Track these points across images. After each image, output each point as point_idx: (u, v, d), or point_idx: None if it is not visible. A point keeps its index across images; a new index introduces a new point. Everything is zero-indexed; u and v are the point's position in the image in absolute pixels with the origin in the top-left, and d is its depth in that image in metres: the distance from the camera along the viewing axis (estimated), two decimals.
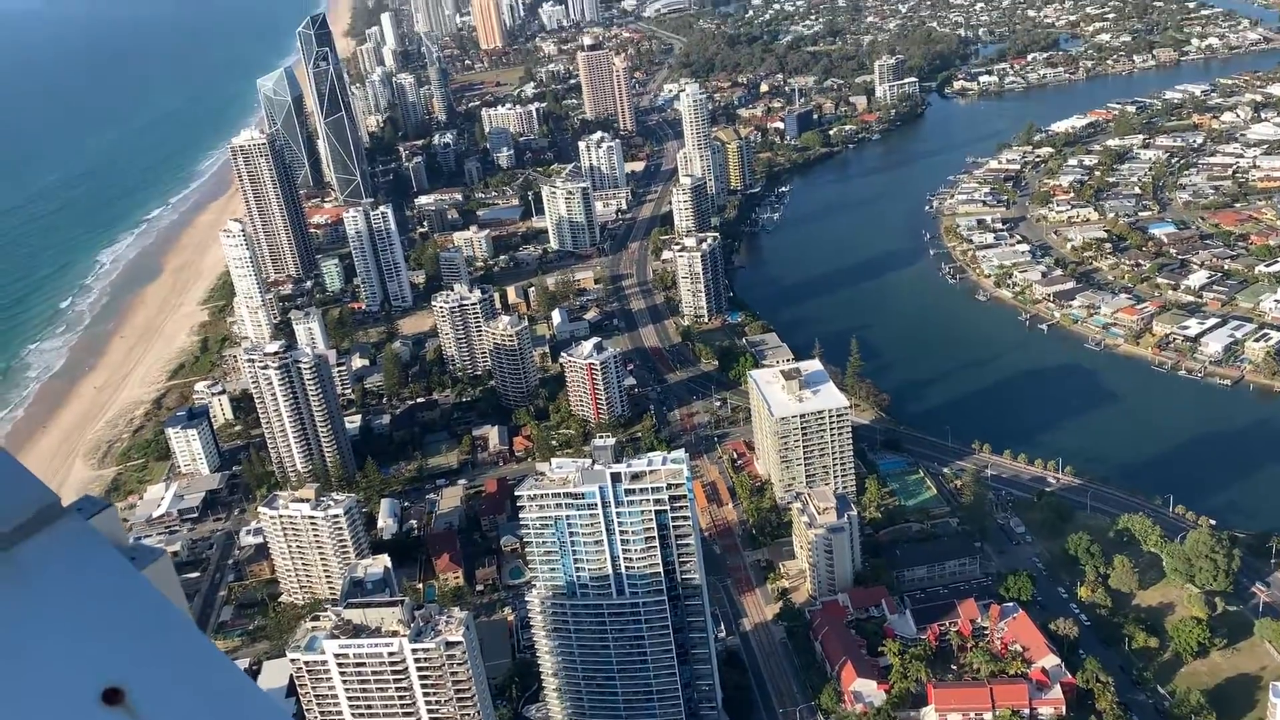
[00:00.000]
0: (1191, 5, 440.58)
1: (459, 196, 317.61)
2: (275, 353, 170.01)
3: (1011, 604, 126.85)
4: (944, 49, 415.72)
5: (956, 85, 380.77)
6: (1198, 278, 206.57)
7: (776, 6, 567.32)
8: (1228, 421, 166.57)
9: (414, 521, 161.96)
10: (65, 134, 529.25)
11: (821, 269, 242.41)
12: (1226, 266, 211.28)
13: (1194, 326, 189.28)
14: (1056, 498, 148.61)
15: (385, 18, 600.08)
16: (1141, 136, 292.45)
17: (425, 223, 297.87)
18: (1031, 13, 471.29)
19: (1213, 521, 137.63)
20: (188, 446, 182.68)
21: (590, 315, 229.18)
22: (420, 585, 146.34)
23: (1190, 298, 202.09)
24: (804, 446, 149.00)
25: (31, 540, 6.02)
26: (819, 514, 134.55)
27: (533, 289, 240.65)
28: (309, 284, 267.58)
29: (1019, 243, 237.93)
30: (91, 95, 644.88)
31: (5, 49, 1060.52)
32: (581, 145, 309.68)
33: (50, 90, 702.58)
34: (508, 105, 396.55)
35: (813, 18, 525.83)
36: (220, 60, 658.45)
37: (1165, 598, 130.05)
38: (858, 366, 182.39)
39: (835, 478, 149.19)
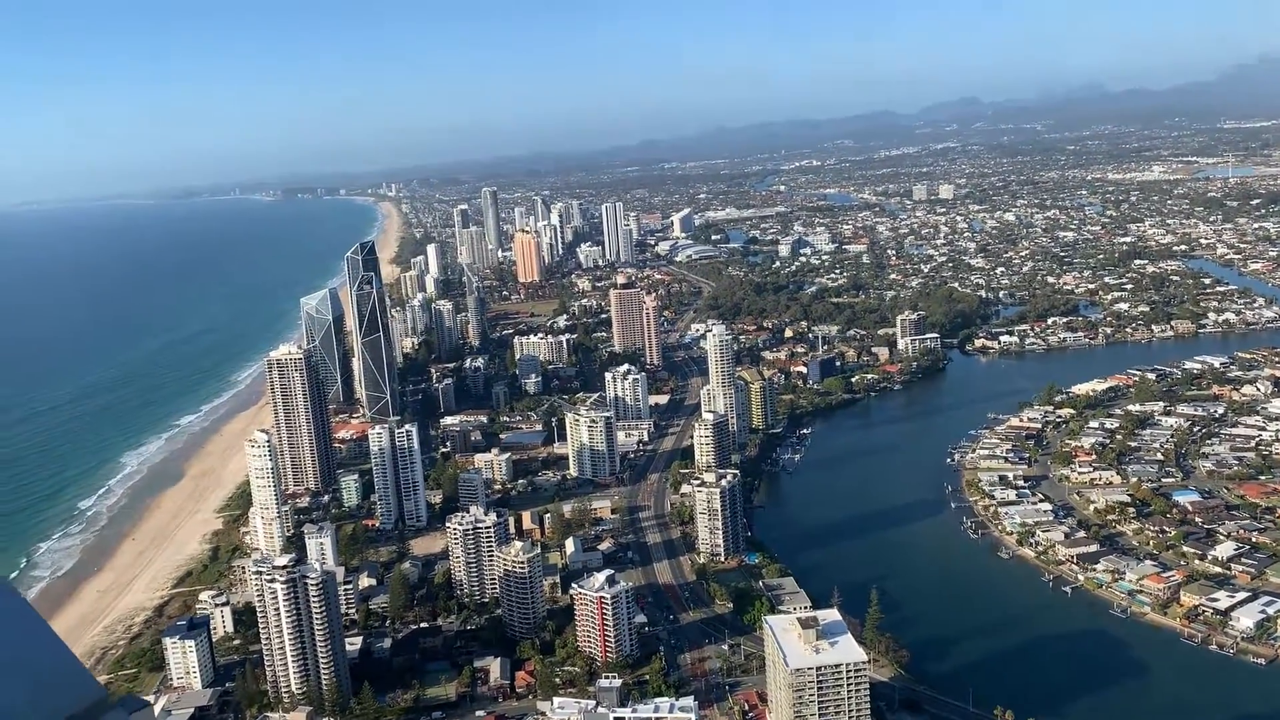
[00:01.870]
0: (1207, 281, 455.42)
1: (484, 419, 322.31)
2: (283, 566, 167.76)
3: None
4: (965, 308, 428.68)
5: (977, 343, 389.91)
6: (1225, 549, 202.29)
7: (802, 259, 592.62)
8: (1264, 703, 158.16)
9: None
10: (118, 337, 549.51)
11: (842, 514, 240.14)
12: (1254, 539, 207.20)
13: (1223, 599, 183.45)
14: None
15: (431, 248, 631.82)
16: (1162, 404, 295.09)
17: (449, 443, 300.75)
18: (1051, 279, 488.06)
19: None
20: (183, 658, 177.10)
21: (604, 546, 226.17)
22: None
23: (1218, 569, 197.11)
24: (819, 701, 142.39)
25: None
26: None
27: (549, 515, 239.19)
28: (326, 498, 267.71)
29: (1041, 501, 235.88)
30: (149, 302, 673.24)
31: (81, 253, 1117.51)
32: (608, 376, 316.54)
33: (112, 295, 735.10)
34: (540, 335, 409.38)
35: (837, 271, 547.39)
36: (272, 279, 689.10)
37: None
38: (877, 619, 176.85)
39: None
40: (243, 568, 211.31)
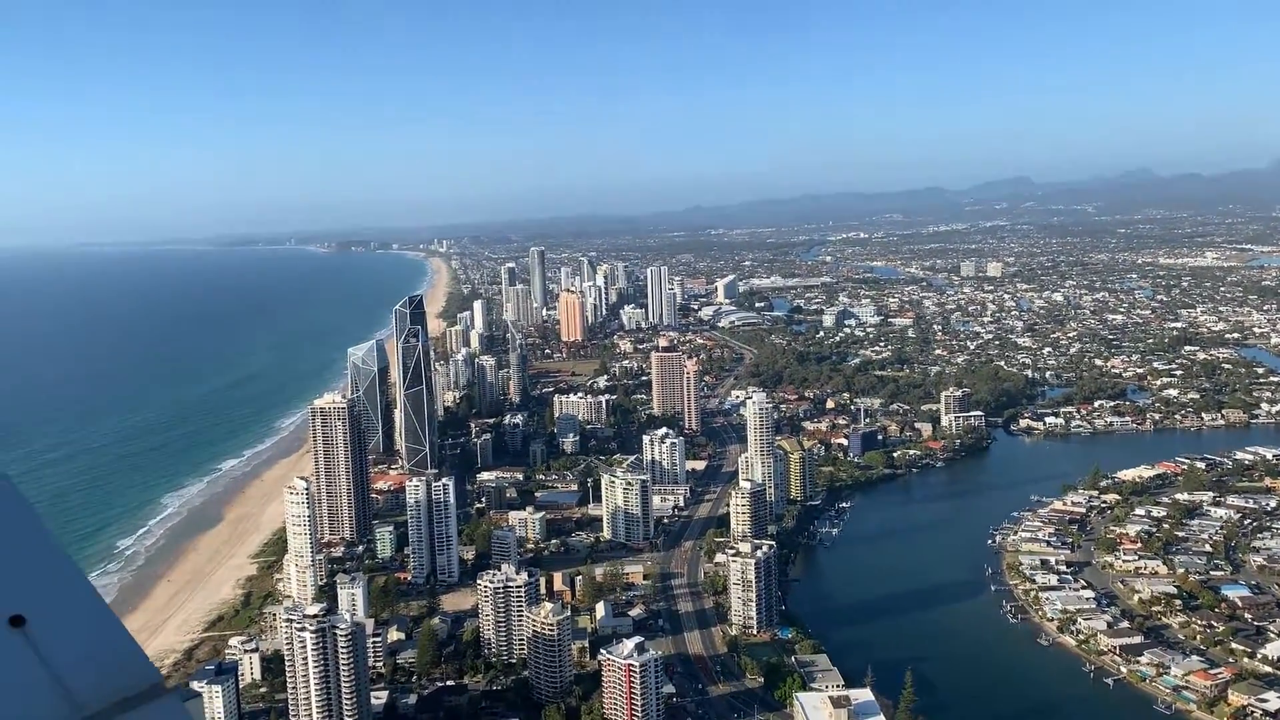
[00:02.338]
0: (1260, 371, 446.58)
1: (520, 476, 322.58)
2: (314, 615, 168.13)
3: None
4: (1011, 387, 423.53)
5: (1022, 423, 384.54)
6: (1276, 647, 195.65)
7: (847, 330, 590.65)
8: None
9: None
10: (169, 378, 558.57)
11: (879, 591, 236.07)
12: None
13: (1273, 700, 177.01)
14: None
15: (477, 304, 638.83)
16: (1211, 494, 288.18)
17: (484, 499, 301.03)
18: (1099, 362, 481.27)
19: None
20: (209, 703, 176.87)
21: (635, 612, 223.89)
22: None
23: (1269, 668, 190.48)
24: None
25: (134, 713, 6.75)
26: None
27: (580, 578, 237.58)
28: (360, 549, 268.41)
29: (1084, 588, 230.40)
30: (202, 346, 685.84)
31: (140, 295, 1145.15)
32: (646, 439, 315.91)
33: (166, 337, 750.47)
34: (579, 394, 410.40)
35: (882, 344, 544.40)
36: (321, 328, 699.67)
37: None
38: (911, 701, 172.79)
39: None
40: (274, 615, 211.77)
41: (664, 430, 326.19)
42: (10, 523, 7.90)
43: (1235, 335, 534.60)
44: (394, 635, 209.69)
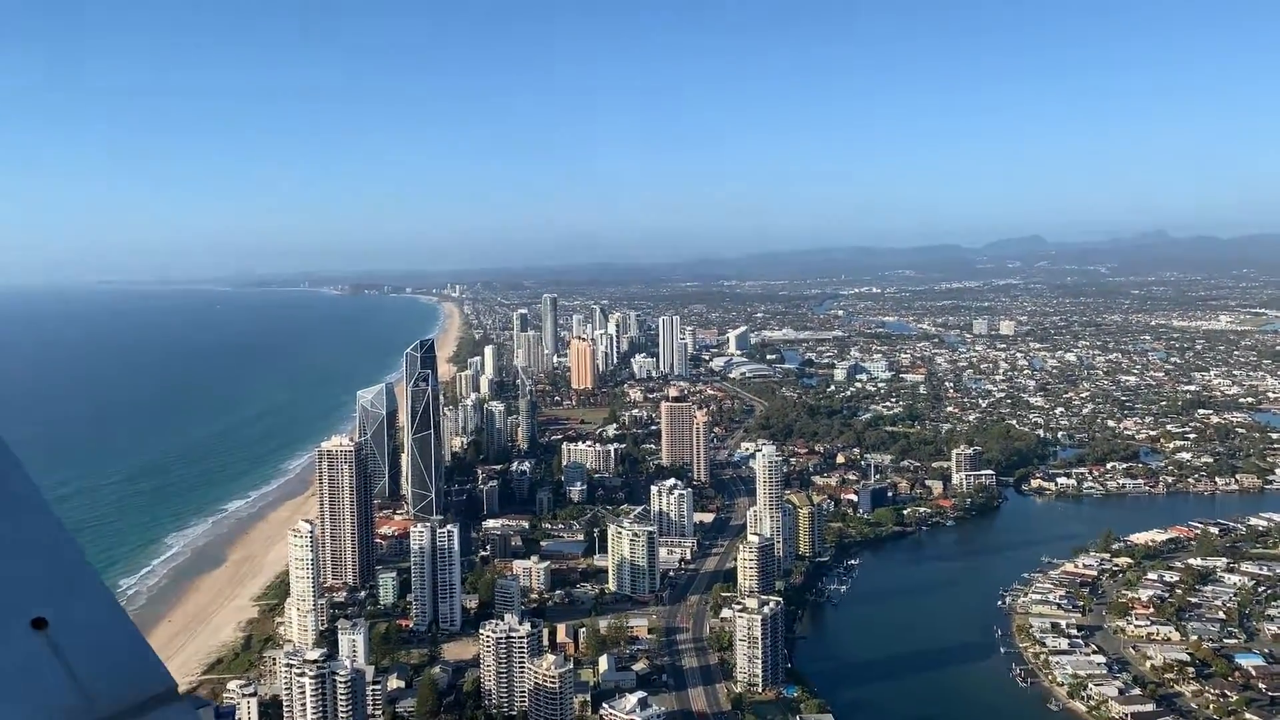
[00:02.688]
0: (1275, 436, 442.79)
1: (525, 524, 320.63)
2: (314, 660, 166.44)
3: None
4: (1023, 447, 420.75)
5: (1034, 483, 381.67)
6: None
7: (858, 385, 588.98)
8: None
9: None
10: (181, 417, 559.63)
11: (886, 651, 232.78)
12: None
13: None
14: None
15: (488, 349, 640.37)
16: (1225, 559, 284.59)
17: (489, 546, 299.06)
18: (1111, 423, 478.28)
19: None
20: None
21: (639, 666, 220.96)
22: None
23: None
24: None
25: (148, 716, 7.02)
26: None
27: (584, 630, 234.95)
28: (363, 594, 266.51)
29: (1095, 653, 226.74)
30: (215, 385, 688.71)
31: (156, 334, 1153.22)
32: (653, 489, 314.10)
33: (179, 376, 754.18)
34: (588, 442, 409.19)
35: (893, 400, 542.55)
36: (333, 371, 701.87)
37: None
38: None
39: None
40: (274, 659, 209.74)
41: (672, 481, 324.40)
42: (34, 529, 8.13)
43: (1249, 400, 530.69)
44: (394, 683, 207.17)
